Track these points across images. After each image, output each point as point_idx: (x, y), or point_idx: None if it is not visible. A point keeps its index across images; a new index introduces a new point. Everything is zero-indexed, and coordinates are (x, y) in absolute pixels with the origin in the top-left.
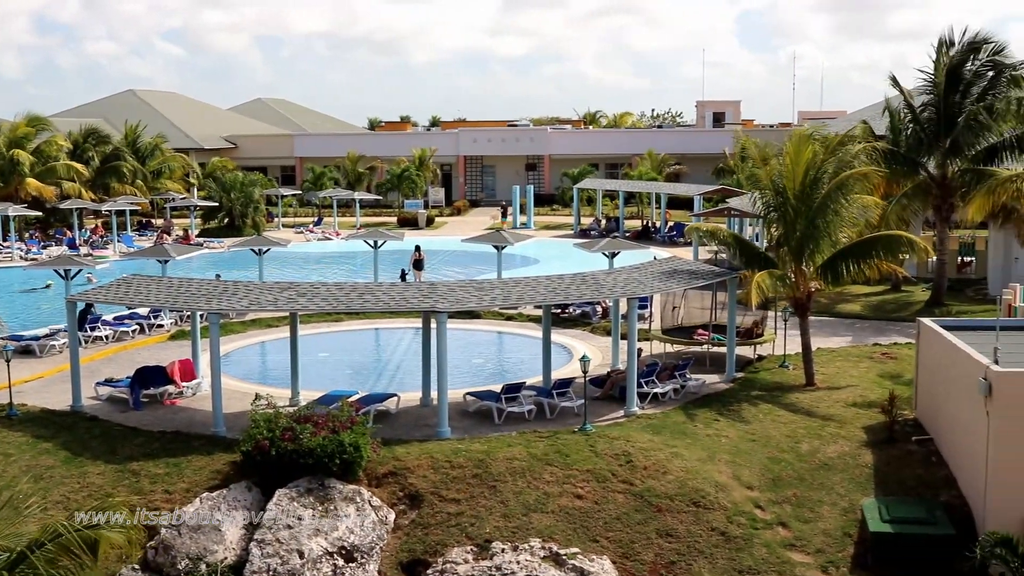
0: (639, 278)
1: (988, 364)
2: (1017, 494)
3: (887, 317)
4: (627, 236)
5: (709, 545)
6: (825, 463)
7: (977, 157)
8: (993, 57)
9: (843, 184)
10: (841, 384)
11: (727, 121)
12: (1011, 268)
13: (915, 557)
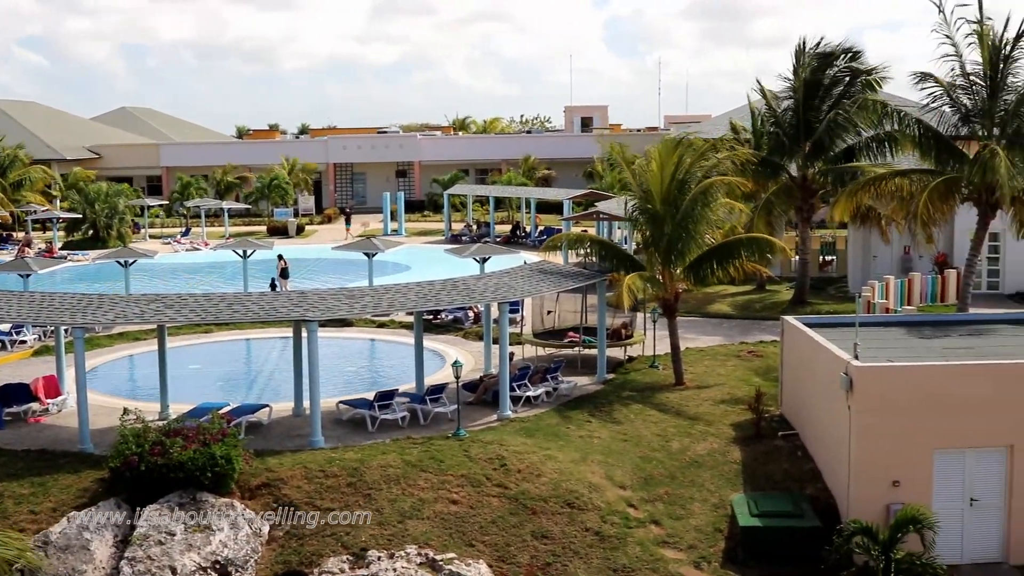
0: (510, 283)
1: (849, 360)
2: (878, 485)
3: (753, 316)
4: (498, 241)
5: (584, 545)
6: (695, 460)
7: (836, 158)
8: (850, 64)
9: (709, 188)
10: (710, 383)
11: (595, 126)
12: (870, 266)
13: (783, 549)
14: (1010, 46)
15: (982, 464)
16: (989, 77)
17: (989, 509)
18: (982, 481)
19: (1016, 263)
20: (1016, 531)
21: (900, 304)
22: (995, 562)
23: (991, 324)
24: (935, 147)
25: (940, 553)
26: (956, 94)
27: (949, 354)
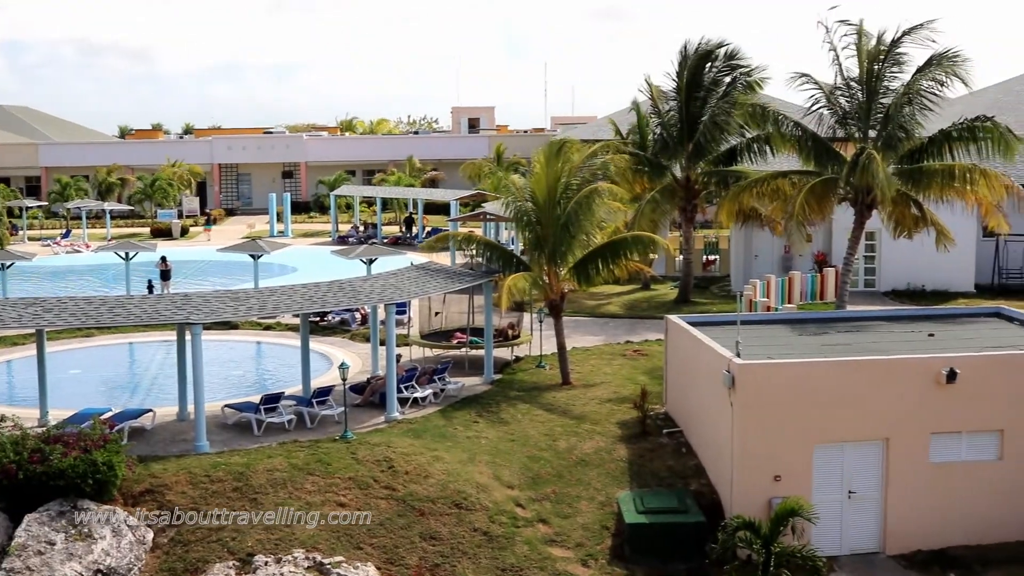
0: (396, 284)
1: (731, 357)
2: (761, 480)
3: (638, 315)
4: (385, 242)
5: (472, 546)
6: (582, 459)
7: (718, 159)
8: (729, 62)
9: (592, 189)
10: (596, 382)
11: (482, 127)
12: (752, 265)
13: (669, 545)
14: (886, 52)
15: (860, 457)
16: (866, 81)
17: (866, 501)
18: (860, 474)
19: (892, 261)
20: (892, 522)
21: (781, 302)
22: (872, 552)
23: (868, 321)
24: (813, 149)
25: (820, 545)
26: (835, 97)
27: (828, 351)
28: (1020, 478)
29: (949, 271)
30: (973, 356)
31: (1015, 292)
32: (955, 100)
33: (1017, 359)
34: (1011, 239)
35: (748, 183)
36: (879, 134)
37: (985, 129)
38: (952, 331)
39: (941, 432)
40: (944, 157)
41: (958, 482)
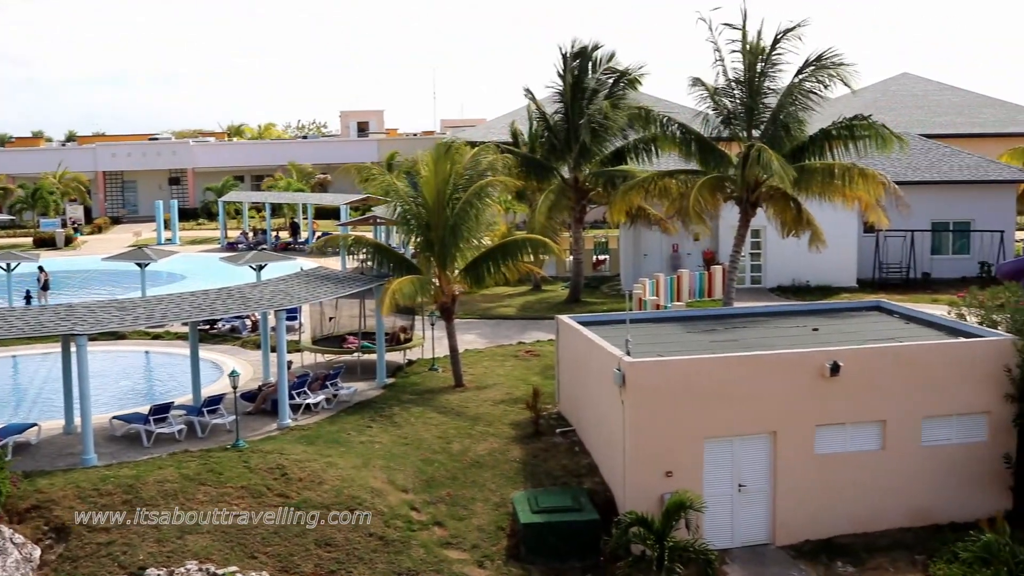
0: (286, 290)
1: (621, 356)
2: (653, 476)
3: (530, 316)
4: (275, 248)
5: (368, 551)
6: (476, 461)
7: (605, 160)
8: (610, 64)
9: (481, 191)
10: (489, 383)
11: (371, 131)
12: (641, 264)
13: (564, 544)
14: (767, 53)
15: (748, 451)
16: (749, 82)
17: (756, 494)
18: (749, 467)
19: (777, 258)
20: (781, 513)
21: (670, 300)
22: (763, 544)
23: (754, 317)
24: (699, 148)
25: (712, 538)
26: (720, 98)
27: (716, 347)
28: (902, 467)
29: (832, 267)
30: (855, 349)
31: (895, 286)
32: (835, 100)
33: (896, 351)
34: (890, 234)
35: (637, 182)
36: (763, 133)
37: (863, 127)
38: (835, 325)
39: (826, 424)
40: (825, 156)
41: (843, 472)
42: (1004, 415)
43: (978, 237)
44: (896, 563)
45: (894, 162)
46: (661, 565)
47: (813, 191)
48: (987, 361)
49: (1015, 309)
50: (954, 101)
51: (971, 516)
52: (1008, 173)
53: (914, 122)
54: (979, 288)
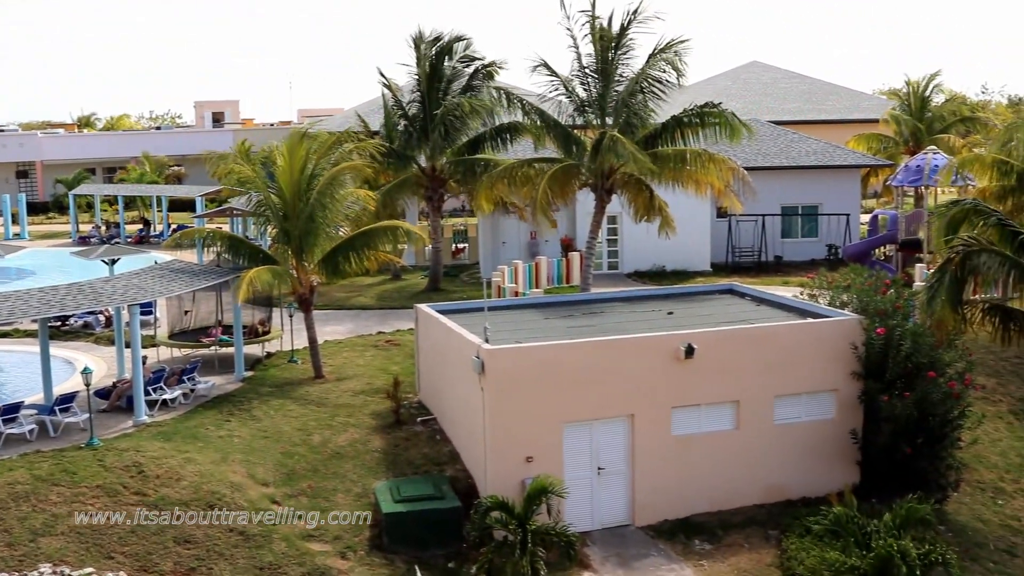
0: (140, 284)
1: (479, 343)
2: (513, 462)
3: (390, 306)
4: (129, 241)
5: (228, 546)
6: (337, 452)
7: (462, 149)
8: (467, 53)
9: (336, 179)
10: (349, 374)
11: (227, 121)
12: (500, 252)
13: (427, 532)
14: (616, 40)
15: (607, 434)
16: (601, 69)
17: (615, 476)
18: (608, 450)
19: (634, 244)
20: (639, 495)
21: (529, 287)
22: (623, 525)
23: (611, 302)
24: (556, 136)
25: (573, 521)
26: (572, 85)
27: (573, 332)
28: (755, 446)
29: (688, 251)
30: (709, 332)
31: (747, 269)
32: (688, 88)
33: (748, 333)
34: (742, 219)
35: (502, 171)
36: (615, 120)
37: (713, 115)
38: (690, 309)
39: (682, 406)
40: (676, 142)
41: (699, 453)
42: (851, 392)
43: (826, 220)
44: (750, 539)
45: (745, 148)
46: (524, 549)
47: (666, 177)
48: (835, 340)
49: (861, 290)
50: (802, 89)
51: (822, 491)
52: (853, 158)
53: (764, 109)
54: (829, 270)
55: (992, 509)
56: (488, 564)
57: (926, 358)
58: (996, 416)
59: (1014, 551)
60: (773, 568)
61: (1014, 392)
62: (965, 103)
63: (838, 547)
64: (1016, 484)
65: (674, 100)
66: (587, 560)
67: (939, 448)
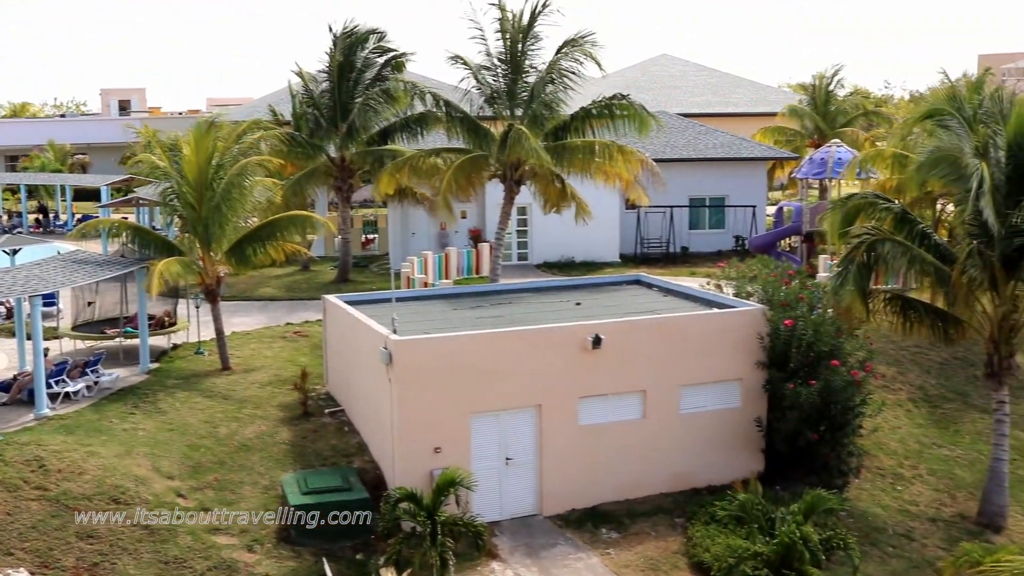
0: (41, 274)
1: (387, 334)
2: (421, 453)
3: (298, 297)
4: (32, 231)
5: (133, 541)
6: (244, 444)
7: (372, 139)
8: (380, 44)
9: (244, 170)
10: (256, 365)
11: (133, 109)
12: (409, 243)
13: (335, 524)
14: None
15: (515, 425)
16: (511, 61)
17: (523, 466)
18: (516, 441)
19: (543, 235)
20: (547, 484)
21: (438, 278)
22: (531, 515)
23: (520, 293)
24: (464, 127)
25: (482, 512)
26: (482, 76)
27: (482, 323)
28: (661, 435)
29: (597, 243)
30: (616, 322)
31: (655, 260)
32: (598, 80)
33: (654, 323)
34: (651, 211)
35: (403, 160)
36: (524, 112)
37: (622, 107)
38: (597, 299)
39: (589, 396)
40: (585, 134)
41: (606, 442)
42: (755, 381)
43: (732, 212)
44: (657, 527)
45: (653, 140)
46: (433, 540)
47: (575, 168)
48: (740, 330)
49: (766, 280)
50: (709, 82)
51: (727, 479)
52: (759, 151)
53: (672, 101)
54: (738, 260)
55: (891, 495)
56: (396, 555)
57: (828, 347)
58: (896, 404)
59: (912, 535)
60: (679, 555)
61: (913, 381)
62: (868, 97)
63: (743, 534)
64: (914, 470)
65: (584, 92)
66: (495, 550)
67: (841, 435)
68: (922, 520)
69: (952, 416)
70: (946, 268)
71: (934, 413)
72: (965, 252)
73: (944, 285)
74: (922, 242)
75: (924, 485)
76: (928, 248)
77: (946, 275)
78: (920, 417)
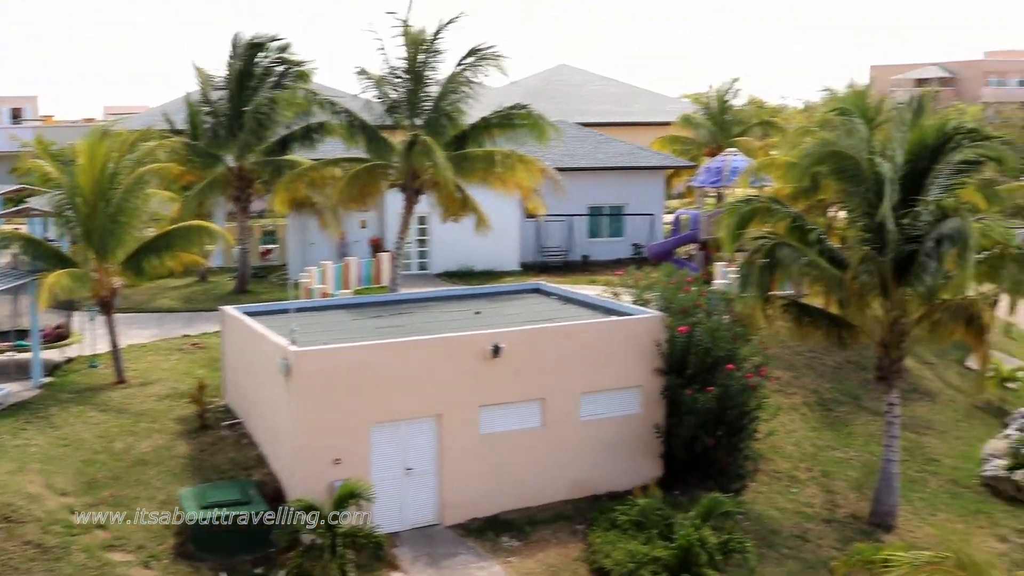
0: None
1: (286, 345)
2: (321, 464)
3: (196, 308)
4: None
5: (24, 560)
6: (141, 459)
7: (271, 149)
8: (280, 55)
9: (141, 179)
10: (153, 379)
11: (26, 117)
12: (308, 253)
13: (234, 538)
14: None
15: (415, 435)
16: (412, 71)
17: (423, 476)
18: (416, 451)
19: (443, 244)
20: (448, 494)
21: (338, 288)
22: (432, 525)
23: (420, 302)
24: (363, 136)
25: (382, 522)
26: (384, 87)
27: (382, 333)
28: (561, 442)
29: (497, 252)
30: (515, 331)
31: (555, 269)
32: (499, 89)
33: (554, 331)
34: (550, 219)
35: (301, 171)
36: (426, 122)
37: (521, 116)
38: (497, 308)
39: (489, 404)
40: (486, 143)
41: (507, 451)
42: (654, 388)
43: (631, 220)
44: (558, 534)
45: (552, 149)
46: (333, 552)
47: (475, 178)
48: (639, 337)
49: (666, 287)
50: (609, 92)
51: (627, 485)
52: (657, 159)
53: (572, 111)
54: (637, 268)
55: (786, 497)
56: (297, 569)
57: (725, 352)
58: (791, 408)
59: (806, 536)
60: (580, 562)
61: (807, 385)
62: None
63: (642, 539)
64: (809, 472)
65: (485, 102)
66: (396, 561)
67: (737, 440)
68: (816, 521)
69: (845, 419)
70: (840, 273)
71: (828, 416)
72: (858, 257)
73: (838, 290)
74: (817, 248)
75: (818, 487)
76: (822, 253)
77: (840, 280)
78: (814, 420)
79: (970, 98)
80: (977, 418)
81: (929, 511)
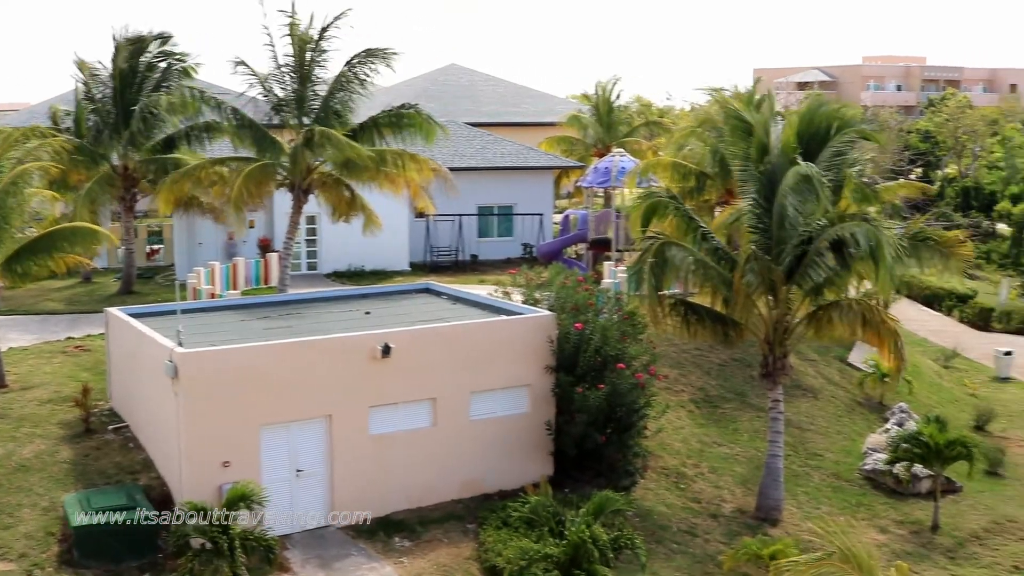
0: None
1: (173, 347)
2: (210, 467)
3: (80, 310)
4: None
5: None
6: (22, 465)
7: (157, 147)
8: (163, 48)
9: (19, 178)
10: (35, 382)
11: None
12: (196, 253)
13: (120, 544)
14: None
15: (305, 436)
16: (300, 69)
17: (314, 477)
18: (306, 452)
19: (333, 244)
20: (339, 495)
21: (226, 289)
22: (323, 526)
23: (309, 303)
24: (252, 135)
25: (273, 525)
26: (270, 84)
27: (270, 334)
28: (452, 442)
29: (386, 251)
30: (405, 331)
31: (444, 268)
32: (388, 88)
33: (444, 331)
34: (440, 219)
35: (186, 170)
36: (314, 120)
37: (410, 116)
38: (387, 308)
39: (379, 405)
40: (375, 143)
41: (397, 451)
42: (544, 386)
43: (520, 220)
44: (449, 534)
45: (442, 149)
46: (223, 556)
47: (365, 177)
48: (528, 336)
49: (561, 287)
50: (498, 92)
51: (518, 483)
52: (546, 160)
53: (461, 111)
54: (527, 268)
55: (675, 493)
56: (188, 573)
57: (615, 351)
58: (679, 405)
59: (694, 531)
60: (471, 560)
61: (695, 382)
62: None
63: (534, 536)
64: (696, 468)
65: (374, 101)
66: (287, 564)
67: (627, 437)
68: (704, 516)
69: (731, 415)
70: (727, 273)
71: (714, 413)
72: (745, 257)
73: (725, 289)
74: (706, 247)
75: (706, 483)
76: (709, 252)
77: (727, 279)
78: (701, 417)
79: (850, 101)
80: (858, 413)
81: (813, 505)
